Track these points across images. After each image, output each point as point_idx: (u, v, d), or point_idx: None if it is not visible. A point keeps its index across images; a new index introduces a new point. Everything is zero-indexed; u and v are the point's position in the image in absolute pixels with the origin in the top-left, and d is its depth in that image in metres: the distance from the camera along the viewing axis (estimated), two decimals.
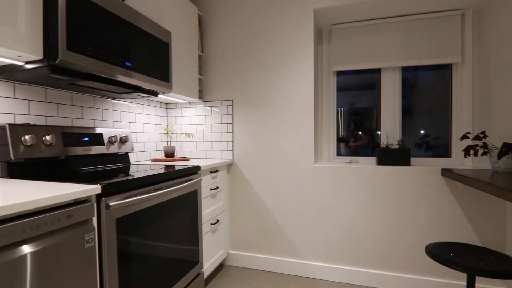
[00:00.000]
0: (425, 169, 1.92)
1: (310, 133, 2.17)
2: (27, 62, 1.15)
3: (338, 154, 2.44)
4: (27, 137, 1.30)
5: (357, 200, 2.06)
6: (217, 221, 2.12)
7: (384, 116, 2.29)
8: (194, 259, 1.72)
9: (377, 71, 2.33)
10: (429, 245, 1.35)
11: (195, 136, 2.46)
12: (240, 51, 2.34)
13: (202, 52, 2.44)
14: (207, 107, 2.43)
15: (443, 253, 1.24)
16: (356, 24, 2.31)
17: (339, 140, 2.46)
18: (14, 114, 1.36)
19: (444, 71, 2.20)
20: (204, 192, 1.93)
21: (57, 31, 1.10)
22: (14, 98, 1.36)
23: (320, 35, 2.44)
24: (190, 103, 2.48)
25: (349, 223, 2.08)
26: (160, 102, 2.45)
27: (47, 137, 1.38)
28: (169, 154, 2.23)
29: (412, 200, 1.94)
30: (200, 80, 2.46)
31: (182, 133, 2.37)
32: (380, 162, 2.10)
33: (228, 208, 2.38)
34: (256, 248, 2.32)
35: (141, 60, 1.55)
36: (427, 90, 2.24)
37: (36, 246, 0.84)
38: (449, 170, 1.79)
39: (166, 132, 2.42)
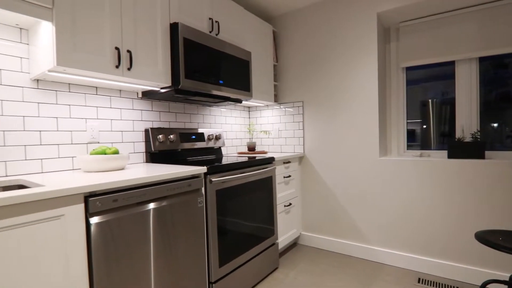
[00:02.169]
0: (498, 162, 1.88)
1: (375, 129, 2.34)
2: (161, 88, 1.78)
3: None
4: (160, 136, 1.97)
5: (420, 192, 2.14)
6: (290, 204, 2.52)
7: (459, 108, 2.26)
8: (270, 231, 2.16)
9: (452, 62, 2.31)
10: (479, 231, 1.43)
11: (272, 133, 2.92)
12: (309, 58, 2.67)
13: (277, 62, 2.87)
14: (282, 108, 2.85)
15: (493, 238, 1.34)
16: (424, 20, 2.34)
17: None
18: (152, 121, 2.06)
19: None
20: (278, 178, 2.35)
21: (178, 66, 1.69)
22: (152, 110, 2.05)
23: (388, 34, 2.55)
24: (267, 105, 2.94)
25: (411, 213, 2.18)
26: (244, 106, 2.99)
27: (171, 136, 2.03)
28: (251, 148, 2.74)
29: (480, 193, 1.92)
30: (275, 86, 2.89)
31: (261, 131, 2.86)
32: (451, 156, 2.12)
33: (300, 194, 2.75)
34: (325, 231, 2.62)
35: (229, 77, 2.07)
36: None
37: (171, 200, 1.41)
38: None
39: (248, 130, 2.95)
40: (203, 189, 1.59)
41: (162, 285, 1.34)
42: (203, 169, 1.57)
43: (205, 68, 1.86)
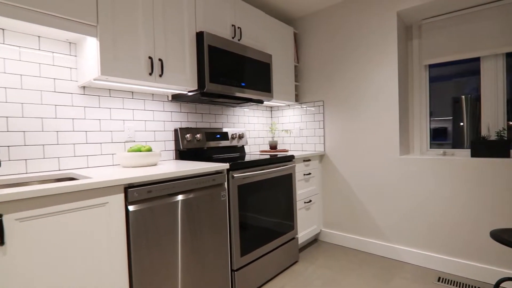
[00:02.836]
0: None
1: (395, 128, 2.35)
2: (189, 91, 1.95)
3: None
4: (188, 135, 2.14)
5: (440, 191, 2.13)
6: (310, 201, 2.60)
7: (484, 106, 2.22)
8: (290, 225, 2.27)
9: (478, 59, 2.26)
10: (495, 229, 1.44)
11: (293, 132, 3.01)
12: (329, 58, 2.72)
13: (298, 62, 2.95)
14: (303, 108, 2.93)
15: (507, 236, 1.34)
16: (447, 16, 2.32)
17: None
18: (180, 121, 2.24)
19: None
20: (298, 176, 2.45)
21: (204, 71, 1.84)
22: (180, 112, 2.24)
23: (410, 31, 2.54)
24: (289, 105, 3.04)
25: (431, 212, 2.17)
26: (266, 106, 3.11)
27: (198, 135, 2.20)
28: (273, 146, 2.85)
29: (500, 192, 1.88)
30: (296, 86, 2.98)
31: (282, 130, 2.95)
32: (474, 154, 2.09)
33: (321, 192, 2.81)
34: (345, 228, 2.67)
35: (251, 79, 2.20)
36: None
37: (198, 193, 1.56)
38: None
39: (270, 129, 3.06)
40: (226, 184, 1.73)
41: (188, 268, 1.50)
42: (225, 165, 1.71)
43: (228, 72, 2.00)
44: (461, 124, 2.37)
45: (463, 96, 2.38)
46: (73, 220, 1.11)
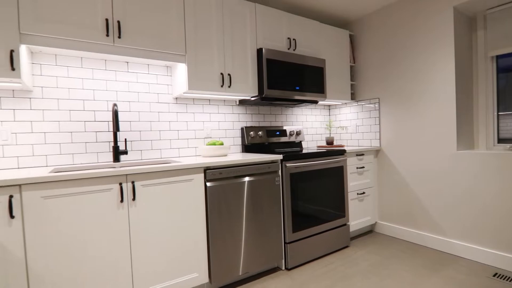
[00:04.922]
0: None
1: (452, 123, 2.35)
2: (251, 97, 2.40)
3: None
4: (251, 132, 2.60)
5: (500, 185, 2.07)
6: (363, 193, 2.78)
7: None
8: (341, 213, 2.51)
9: None
10: None
11: (349, 128, 3.19)
12: (385, 58, 2.83)
13: (354, 63, 3.12)
14: (359, 105, 3.09)
15: None
16: None
17: None
18: (246, 121, 2.72)
19: None
20: (350, 169, 2.66)
21: (263, 80, 2.26)
22: (246, 113, 2.71)
23: (474, 23, 2.47)
24: (345, 103, 3.23)
25: (491, 207, 2.12)
26: (324, 105, 3.36)
27: (259, 133, 2.64)
28: (330, 142, 3.10)
29: None
30: (352, 85, 3.15)
31: (339, 127, 3.17)
32: None
33: (376, 185, 2.94)
34: (400, 221, 2.75)
35: (305, 83, 2.52)
36: None
37: (257, 177, 1.99)
38: None
39: (327, 126, 3.31)
40: (279, 171, 2.12)
41: (249, 235, 1.95)
42: (279, 156, 2.10)
43: (283, 79, 2.38)
44: None
45: None
46: (172, 189, 1.67)
